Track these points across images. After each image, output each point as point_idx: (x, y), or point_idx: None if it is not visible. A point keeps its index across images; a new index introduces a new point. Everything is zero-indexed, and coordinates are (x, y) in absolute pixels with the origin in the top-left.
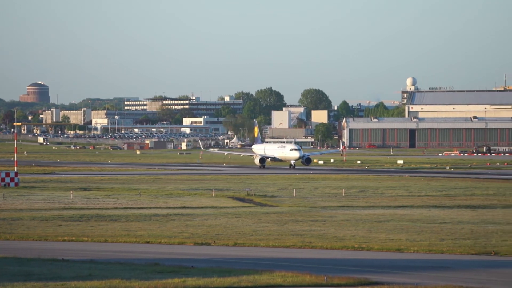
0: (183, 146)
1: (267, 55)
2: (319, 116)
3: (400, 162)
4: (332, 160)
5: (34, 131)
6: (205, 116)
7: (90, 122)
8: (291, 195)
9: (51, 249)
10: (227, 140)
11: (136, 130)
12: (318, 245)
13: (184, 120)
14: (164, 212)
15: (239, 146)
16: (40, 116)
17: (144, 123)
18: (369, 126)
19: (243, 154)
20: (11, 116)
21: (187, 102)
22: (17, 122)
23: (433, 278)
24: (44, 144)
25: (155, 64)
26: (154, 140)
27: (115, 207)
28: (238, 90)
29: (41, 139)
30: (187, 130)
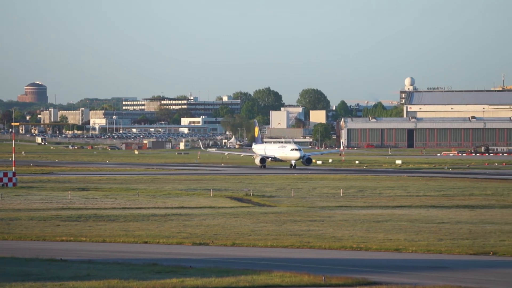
0: (181, 146)
1: (265, 55)
2: (318, 116)
3: (399, 162)
4: (330, 160)
5: (32, 131)
6: (203, 116)
7: (88, 122)
8: (289, 195)
9: (49, 249)
10: (225, 140)
11: (134, 130)
12: (316, 245)
13: (182, 120)
14: (162, 212)
15: (237, 146)
16: (38, 116)
17: (142, 123)
18: (367, 126)
19: (244, 154)
20: (9, 116)
21: (185, 102)
22: (15, 122)
23: (431, 278)
24: (42, 144)
25: (153, 64)
26: (152, 140)
27: (113, 207)
28: (236, 90)
29: (39, 139)
30: (185, 130)
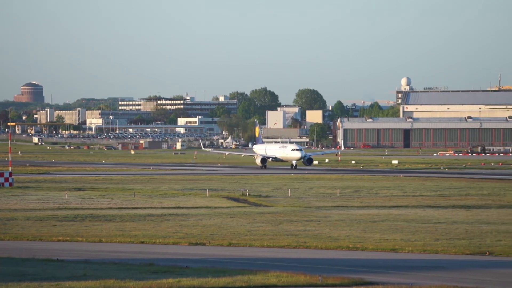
0: (178, 146)
1: (262, 55)
2: (314, 116)
3: (395, 162)
4: (327, 160)
5: (29, 131)
6: (199, 116)
7: (85, 122)
8: (285, 195)
9: (45, 249)
10: (222, 140)
11: (130, 130)
12: (312, 245)
13: (179, 120)
14: (158, 212)
15: (233, 146)
16: (35, 116)
17: (139, 123)
18: (363, 126)
19: (244, 154)
20: (5, 116)
21: (181, 102)
22: (11, 122)
23: (427, 278)
24: (39, 144)
25: (150, 64)
26: (148, 140)
27: (110, 207)
28: (233, 90)
29: (36, 139)
30: (182, 130)
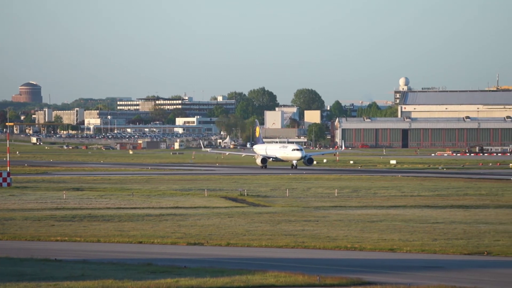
0: (176, 146)
1: (260, 56)
2: (312, 116)
3: (393, 162)
4: (325, 160)
5: (27, 131)
6: (197, 116)
7: (83, 122)
8: (284, 195)
9: (43, 249)
10: (220, 140)
11: (128, 130)
12: (311, 245)
13: (177, 120)
14: (157, 212)
15: (231, 146)
16: (33, 116)
17: (137, 123)
18: (362, 126)
19: (245, 154)
20: (3, 116)
21: (180, 102)
22: (9, 122)
23: (426, 278)
24: (38, 144)
25: (148, 64)
26: (146, 140)
27: (108, 207)
28: (231, 90)
29: (34, 139)
30: (180, 130)
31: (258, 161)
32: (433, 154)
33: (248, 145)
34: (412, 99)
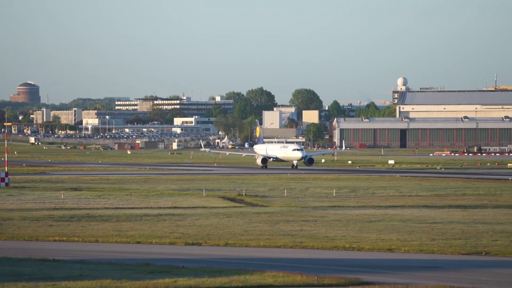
0: (174, 146)
1: (258, 56)
2: (310, 116)
3: (391, 162)
4: (323, 160)
5: (25, 131)
6: (196, 116)
7: (81, 122)
8: (282, 195)
9: (41, 249)
10: (218, 140)
11: (127, 130)
12: (309, 245)
13: (175, 120)
14: (155, 212)
15: (230, 146)
16: (31, 116)
17: (135, 123)
18: (360, 126)
19: (245, 154)
20: (1, 116)
21: (178, 102)
22: (7, 122)
23: (424, 278)
24: (36, 144)
25: (146, 64)
26: (145, 140)
27: (106, 207)
28: (229, 90)
29: (32, 139)
30: (178, 130)
31: (259, 161)
32: (431, 154)
33: (246, 145)
34: (410, 99)
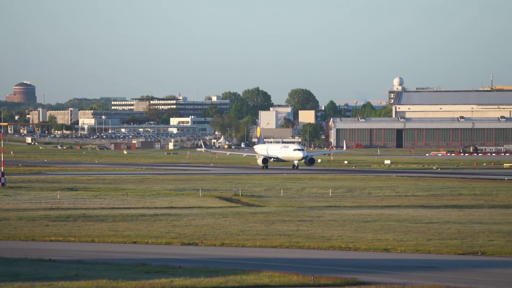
0: (170, 146)
1: (254, 56)
2: (306, 116)
3: (387, 162)
4: (319, 160)
5: (21, 131)
6: (192, 116)
7: (77, 122)
8: (278, 195)
9: (38, 249)
10: (214, 140)
11: (123, 130)
12: (305, 245)
13: (171, 120)
14: (151, 212)
15: (226, 146)
16: (27, 116)
17: (131, 123)
18: (356, 126)
19: (246, 154)
20: None
21: (174, 102)
22: (3, 122)
23: (420, 278)
24: (32, 144)
25: (142, 64)
26: (141, 140)
27: (102, 207)
28: (225, 90)
29: (29, 139)
30: (174, 130)
31: (259, 161)
32: (427, 154)
33: (242, 145)
34: (406, 99)
